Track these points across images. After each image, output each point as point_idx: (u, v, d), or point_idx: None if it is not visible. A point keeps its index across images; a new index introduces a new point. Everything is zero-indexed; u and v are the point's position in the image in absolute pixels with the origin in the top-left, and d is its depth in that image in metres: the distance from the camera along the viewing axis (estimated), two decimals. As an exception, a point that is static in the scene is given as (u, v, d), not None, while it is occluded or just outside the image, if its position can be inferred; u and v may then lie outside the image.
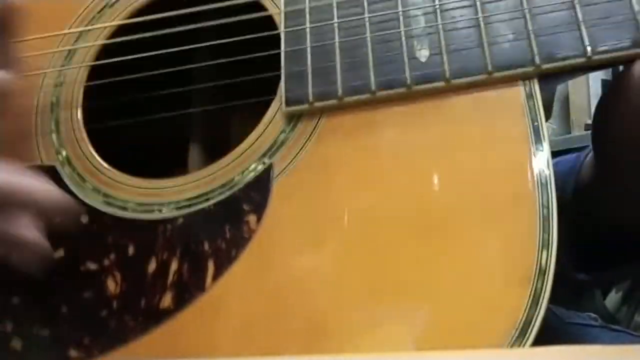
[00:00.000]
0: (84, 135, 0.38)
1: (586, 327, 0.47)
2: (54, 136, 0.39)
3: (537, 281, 0.28)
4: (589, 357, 0.23)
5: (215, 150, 0.38)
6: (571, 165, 0.40)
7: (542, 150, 0.30)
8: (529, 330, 0.28)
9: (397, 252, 0.31)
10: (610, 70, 1.15)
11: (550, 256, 0.29)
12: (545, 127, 0.31)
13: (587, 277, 0.38)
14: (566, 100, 1.17)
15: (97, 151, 0.38)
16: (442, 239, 0.30)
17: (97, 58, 0.41)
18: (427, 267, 0.30)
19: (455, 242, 0.30)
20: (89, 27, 0.41)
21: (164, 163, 0.41)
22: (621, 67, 0.33)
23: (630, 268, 0.38)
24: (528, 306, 0.28)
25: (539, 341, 0.23)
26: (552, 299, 0.47)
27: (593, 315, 0.50)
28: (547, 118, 0.41)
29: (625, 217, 0.37)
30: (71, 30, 0.41)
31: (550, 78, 0.33)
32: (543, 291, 0.28)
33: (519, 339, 0.28)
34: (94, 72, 0.41)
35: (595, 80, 1.14)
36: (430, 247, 0.30)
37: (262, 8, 0.39)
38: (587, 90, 1.18)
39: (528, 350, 0.23)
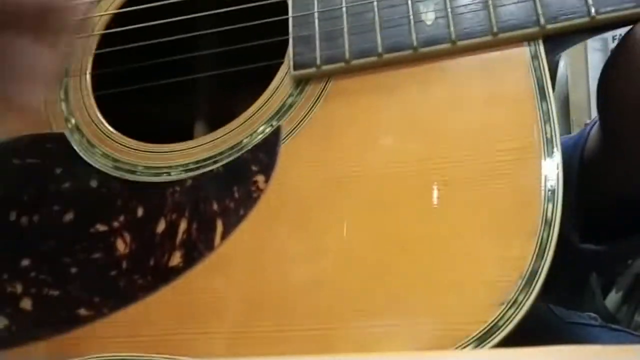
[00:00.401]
0: (93, 101, 0.39)
1: (586, 327, 0.47)
2: (62, 105, 0.39)
3: (543, 232, 0.29)
4: (589, 357, 0.23)
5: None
6: (576, 140, 0.40)
7: (547, 107, 0.31)
8: (535, 281, 0.28)
9: (405, 210, 0.31)
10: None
11: (556, 208, 0.29)
12: (550, 86, 0.32)
13: (594, 248, 0.38)
14: (566, 100, 1.18)
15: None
16: (448, 193, 0.31)
17: (107, 28, 0.41)
18: (432, 223, 0.30)
19: (461, 196, 0.30)
20: (98, -2, 0.42)
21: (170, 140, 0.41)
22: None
23: (637, 239, 0.38)
24: (534, 257, 0.28)
25: (540, 341, 0.23)
26: (552, 299, 0.47)
27: (593, 315, 0.50)
28: (552, 90, 0.41)
29: (632, 185, 0.37)
30: (82, 1, 0.42)
31: (555, 40, 0.33)
32: (549, 242, 0.28)
33: (525, 289, 0.28)
34: (104, 42, 0.41)
35: (595, 81, 1.14)
36: (437, 204, 0.31)
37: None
38: (587, 90, 1.18)
39: (528, 350, 0.23)
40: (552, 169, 0.30)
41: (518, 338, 0.27)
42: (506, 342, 0.27)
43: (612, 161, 0.38)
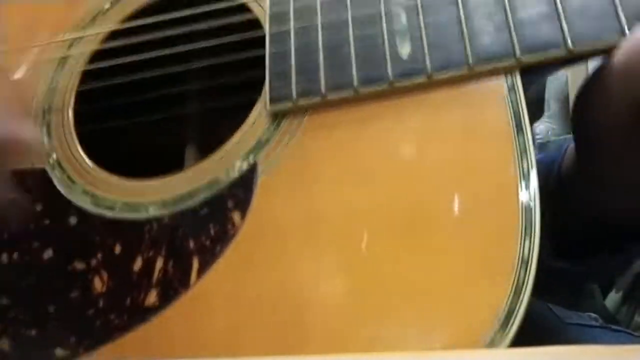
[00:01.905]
0: (74, 137, 0.39)
1: (586, 327, 0.46)
2: (45, 139, 0.40)
3: (519, 271, 0.28)
4: (589, 357, 0.23)
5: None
6: (554, 157, 0.40)
7: (524, 140, 0.30)
8: (512, 321, 0.27)
9: (379, 249, 0.30)
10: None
11: (533, 245, 0.28)
12: (527, 119, 0.31)
13: (565, 265, 0.38)
14: (566, 100, 1.17)
15: (92, 158, 0.38)
16: (423, 233, 0.30)
17: (90, 65, 0.41)
18: (408, 263, 0.30)
19: (436, 237, 0.30)
20: (81, 34, 0.42)
21: (162, 168, 0.41)
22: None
23: (609, 258, 0.38)
24: (510, 296, 0.28)
25: (540, 341, 0.22)
26: (552, 299, 0.47)
27: (593, 315, 0.50)
28: (539, 116, 0.41)
29: (603, 207, 0.37)
30: (64, 38, 0.42)
31: (532, 71, 0.33)
32: (525, 281, 0.28)
33: (501, 330, 0.27)
34: (87, 79, 0.41)
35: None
36: (412, 243, 0.30)
37: (249, 10, 0.39)
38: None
39: (528, 350, 0.23)
40: (529, 205, 0.29)
41: (518, 338, 0.27)
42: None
43: (586, 184, 0.38)
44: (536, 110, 0.32)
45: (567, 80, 1.19)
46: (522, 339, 0.23)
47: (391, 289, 0.29)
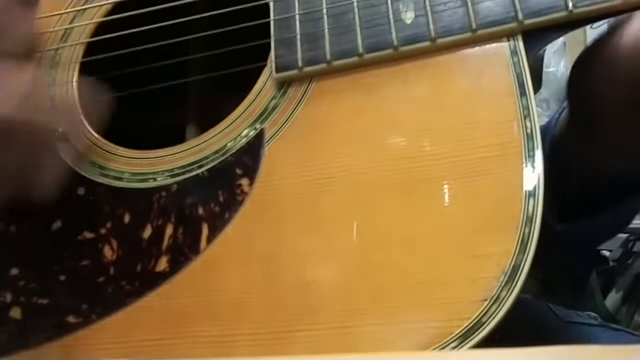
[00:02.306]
0: (79, 110, 0.39)
1: (586, 327, 0.47)
2: (50, 114, 0.40)
3: (524, 227, 0.28)
4: (589, 357, 0.23)
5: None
6: (545, 126, 0.41)
7: (527, 102, 0.31)
8: (517, 276, 0.28)
9: (386, 209, 0.31)
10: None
11: (537, 204, 0.29)
12: (530, 82, 0.32)
13: (568, 228, 0.38)
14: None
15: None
16: (429, 191, 0.31)
17: (94, 36, 0.41)
18: (415, 220, 0.30)
19: (440, 195, 0.30)
20: (85, 6, 0.42)
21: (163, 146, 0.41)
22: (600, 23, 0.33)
23: (608, 214, 0.39)
24: (516, 252, 0.28)
25: (540, 341, 0.23)
26: (552, 298, 0.47)
27: (593, 314, 0.51)
28: (537, 89, 0.41)
29: (601, 168, 0.37)
30: (67, 10, 0.42)
31: (535, 35, 0.33)
32: (530, 237, 0.28)
33: (507, 285, 0.28)
34: (90, 52, 0.41)
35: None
36: (418, 201, 0.31)
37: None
38: (587, 90, 1.17)
39: (528, 350, 0.23)
40: (532, 165, 0.30)
41: (518, 338, 0.27)
42: (489, 339, 0.27)
43: (582, 149, 0.39)
44: (534, 83, 0.32)
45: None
46: (522, 339, 0.24)
47: (396, 244, 0.30)
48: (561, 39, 1.36)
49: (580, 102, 0.38)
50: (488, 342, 0.27)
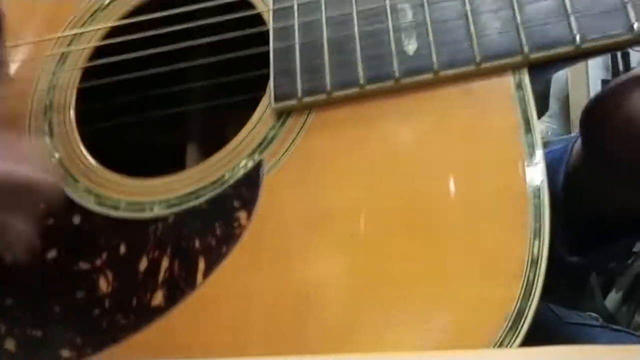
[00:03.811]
0: (77, 136, 0.38)
1: (586, 327, 0.46)
2: (47, 139, 0.39)
3: (529, 272, 0.28)
4: (589, 357, 0.23)
5: (213, 152, 0.38)
6: (561, 153, 0.40)
7: (532, 141, 0.30)
8: (521, 323, 0.27)
9: (386, 249, 0.30)
10: (610, 70, 1.14)
11: (542, 246, 0.28)
12: (535, 117, 0.31)
13: (581, 260, 0.38)
14: (566, 100, 1.16)
15: (94, 156, 0.38)
16: (431, 233, 0.30)
17: (90, 61, 0.41)
18: (415, 264, 0.29)
19: (444, 237, 0.30)
20: (82, 30, 0.41)
21: (163, 167, 0.41)
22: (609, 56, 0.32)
23: (620, 245, 0.38)
24: (520, 298, 0.28)
25: (540, 341, 0.22)
26: (552, 298, 0.47)
27: (594, 315, 0.50)
28: (544, 112, 0.41)
29: (615, 202, 0.37)
30: (64, 34, 0.41)
31: (540, 68, 0.33)
32: (535, 282, 0.28)
33: (511, 332, 0.27)
34: (87, 76, 0.41)
35: (595, 80, 1.13)
36: (419, 243, 0.30)
37: (251, 6, 0.39)
38: (587, 90, 1.17)
39: (528, 350, 0.23)
40: (538, 205, 0.29)
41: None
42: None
43: (595, 174, 0.38)
44: (541, 107, 0.32)
45: (567, 80, 1.19)
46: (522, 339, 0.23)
47: (396, 286, 0.29)
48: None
49: (594, 145, 0.37)
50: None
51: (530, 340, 0.23)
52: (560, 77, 1.17)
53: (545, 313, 0.46)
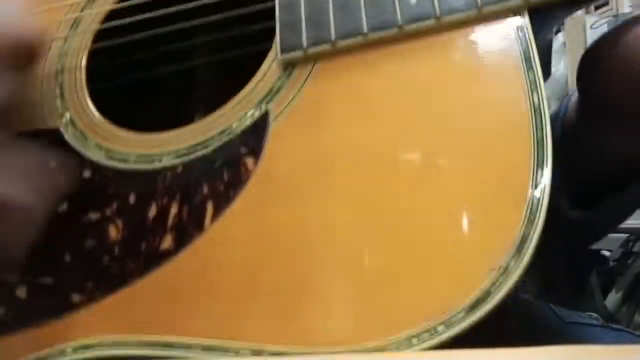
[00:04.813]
0: (86, 95, 0.39)
1: (587, 327, 0.46)
2: (58, 101, 0.40)
3: (533, 198, 0.28)
4: (589, 357, 0.23)
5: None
6: (555, 112, 0.40)
7: (534, 76, 0.31)
8: (526, 247, 0.27)
9: (390, 185, 0.31)
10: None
11: (545, 176, 0.28)
12: (537, 57, 0.32)
13: (582, 215, 0.38)
14: None
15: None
16: (437, 166, 0.30)
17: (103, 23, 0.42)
18: (422, 194, 0.30)
19: (450, 167, 0.30)
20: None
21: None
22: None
23: (622, 199, 0.38)
24: (524, 224, 0.28)
25: (540, 341, 0.22)
26: (552, 299, 0.47)
27: (594, 315, 0.50)
28: (547, 76, 0.41)
29: (615, 149, 0.37)
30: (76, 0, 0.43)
31: (541, 15, 0.33)
32: (539, 208, 0.28)
33: (515, 256, 0.27)
34: (99, 39, 0.42)
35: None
36: (425, 177, 0.30)
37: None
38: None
39: (528, 350, 0.23)
40: (541, 137, 0.29)
41: (519, 338, 0.27)
42: (497, 312, 0.27)
43: (597, 132, 0.38)
44: (543, 69, 0.32)
45: (567, 81, 1.20)
46: (523, 339, 0.23)
47: (404, 220, 0.30)
48: (561, 39, 1.36)
49: (592, 93, 0.37)
50: (492, 316, 0.27)
51: (530, 340, 0.23)
52: (560, 77, 1.18)
53: (546, 313, 0.46)
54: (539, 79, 0.31)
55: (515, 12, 0.33)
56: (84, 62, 0.40)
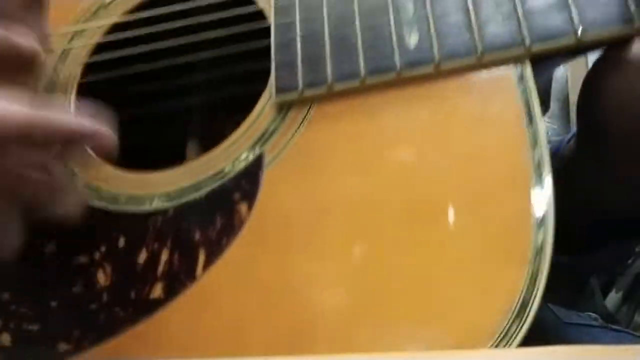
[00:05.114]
0: (77, 131, 0.38)
1: (586, 327, 0.46)
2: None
3: (534, 260, 0.27)
4: (589, 357, 0.23)
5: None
6: (554, 150, 0.40)
7: (535, 132, 0.30)
8: (527, 312, 0.27)
9: (389, 238, 0.30)
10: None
11: (547, 235, 0.28)
12: (539, 110, 0.31)
13: (568, 261, 0.37)
14: (566, 100, 1.17)
15: None
16: (434, 223, 0.30)
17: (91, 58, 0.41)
18: (420, 253, 0.29)
19: (448, 227, 0.29)
20: (84, 27, 0.41)
21: (163, 163, 0.41)
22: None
23: (611, 251, 0.38)
24: (525, 286, 0.27)
25: (540, 341, 0.22)
26: (552, 299, 0.46)
27: (593, 315, 0.50)
28: (545, 110, 0.40)
29: (606, 199, 0.36)
30: (66, 30, 0.41)
31: (542, 61, 0.33)
32: (541, 270, 0.27)
33: (516, 321, 0.27)
34: (89, 72, 0.41)
35: (595, 80, 1.13)
36: (423, 232, 0.30)
37: (253, 3, 0.39)
38: (588, 90, 1.17)
39: (528, 350, 0.22)
40: (541, 195, 0.29)
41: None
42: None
43: (589, 177, 0.38)
44: (542, 103, 0.32)
45: (567, 80, 1.19)
46: (522, 339, 0.23)
47: (398, 276, 0.29)
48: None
49: (588, 130, 0.37)
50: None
51: (530, 340, 0.23)
52: (560, 77, 1.17)
53: (545, 313, 0.45)
54: (540, 133, 0.30)
55: (517, 60, 0.32)
56: (73, 96, 0.39)
